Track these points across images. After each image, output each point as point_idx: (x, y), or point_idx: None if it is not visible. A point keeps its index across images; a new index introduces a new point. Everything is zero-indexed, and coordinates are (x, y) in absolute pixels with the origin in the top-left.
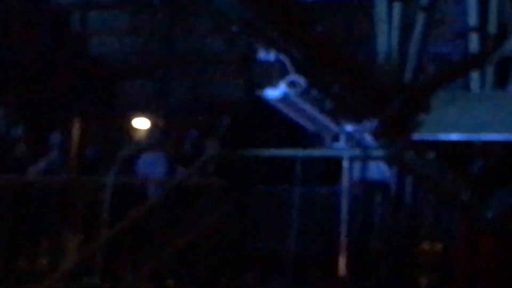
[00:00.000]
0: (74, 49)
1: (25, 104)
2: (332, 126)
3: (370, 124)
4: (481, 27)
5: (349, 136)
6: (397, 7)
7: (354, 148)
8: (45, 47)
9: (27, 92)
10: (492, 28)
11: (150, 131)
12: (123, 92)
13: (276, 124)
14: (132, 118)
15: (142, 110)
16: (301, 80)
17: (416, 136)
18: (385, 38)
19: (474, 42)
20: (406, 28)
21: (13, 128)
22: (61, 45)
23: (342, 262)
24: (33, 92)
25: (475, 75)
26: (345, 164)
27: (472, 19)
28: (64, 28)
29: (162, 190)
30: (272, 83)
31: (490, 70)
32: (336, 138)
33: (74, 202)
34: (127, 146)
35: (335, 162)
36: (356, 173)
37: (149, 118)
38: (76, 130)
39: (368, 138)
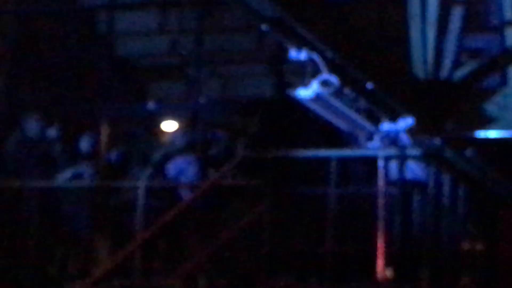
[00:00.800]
0: (101, 51)
1: (57, 106)
2: (367, 125)
3: (406, 122)
4: None
5: (384, 135)
6: (431, 2)
7: (389, 147)
8: (71, 49)
9: (56, 94)
10: None
11: (179, 133)
12: (152, 94)
13: (308, 124)
14: (161, 120)
15: (171, 112)
16: (333, 79)
17: (454, 133)
18: (420, 33)
19: (510, 36)
20: (441, 22)
21: (47, 130)
22: (87, 47)
23: (380, 264)
24: (61, 95)
25: None
26: (381, 163)
27: (508, 13)
28: (91, 29)
29: (195, 192)
30: (304, 82)
31: None
32: (370, 138)
33: (104, 206)
34: (157, 149)
35: (371, 162)
36: (392, 173)
37: (178, 120)
38: (104, 133)
39: (404, 137)
